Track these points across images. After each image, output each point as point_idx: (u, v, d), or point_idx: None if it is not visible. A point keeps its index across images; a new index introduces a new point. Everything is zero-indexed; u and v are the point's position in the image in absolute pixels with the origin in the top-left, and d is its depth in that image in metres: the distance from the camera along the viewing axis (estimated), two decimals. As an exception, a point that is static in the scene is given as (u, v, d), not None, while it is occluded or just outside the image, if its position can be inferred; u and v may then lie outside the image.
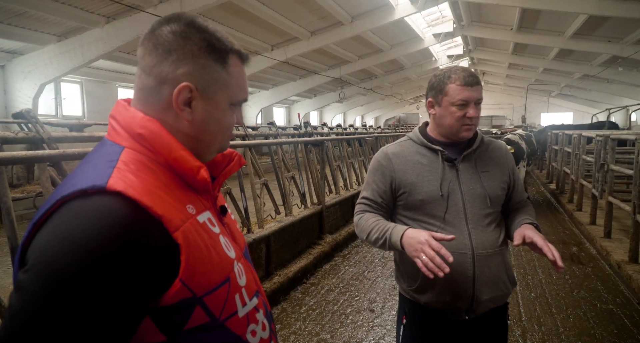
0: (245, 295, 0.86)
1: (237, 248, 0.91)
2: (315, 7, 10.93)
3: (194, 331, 0.75)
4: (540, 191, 10.19)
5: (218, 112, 0.83)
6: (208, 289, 0.75)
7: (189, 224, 0.74)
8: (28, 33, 9.16)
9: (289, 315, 3.66)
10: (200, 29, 0.80)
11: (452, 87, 1.49)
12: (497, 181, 1.57)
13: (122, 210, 0.66)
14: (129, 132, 0.78)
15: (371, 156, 4.84)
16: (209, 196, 0.88)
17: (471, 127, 1.52)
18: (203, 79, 0.80)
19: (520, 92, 29.51)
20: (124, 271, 0.64)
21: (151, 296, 0.69)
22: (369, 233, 1.53)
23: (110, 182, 0.68)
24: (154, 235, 0.68)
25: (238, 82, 0.85)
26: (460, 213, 1.50)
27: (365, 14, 12.35)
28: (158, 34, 0.79)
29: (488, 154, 1.61)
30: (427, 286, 1.52)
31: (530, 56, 18.63)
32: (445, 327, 1.56)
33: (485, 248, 1.48)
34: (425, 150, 1.58)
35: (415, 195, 1.52)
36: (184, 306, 0.72)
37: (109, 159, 0.73)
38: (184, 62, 0.78)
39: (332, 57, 16.07)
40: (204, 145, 0.85)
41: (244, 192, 4.22)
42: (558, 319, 3.48)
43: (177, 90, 0.77)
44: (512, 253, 5.24)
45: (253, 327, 0.87)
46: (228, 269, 0.81)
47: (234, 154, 0.96)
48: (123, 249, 0.64)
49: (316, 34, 13.04)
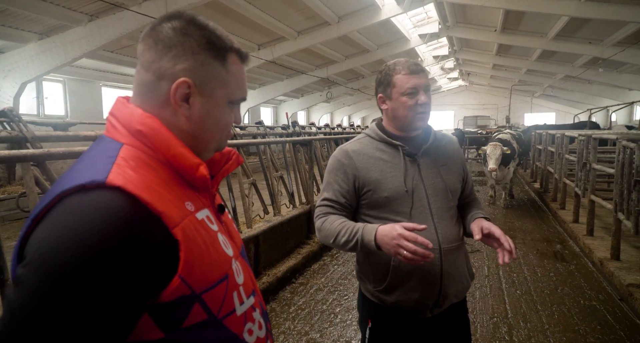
0: (243, 294, 0.86)
1: (235, 246, 0.91)
2: (302, 6, 10.92)
3: (193, 328, 0.75)
4: (524, 190, 10.36)
5: (216, 109, 0.83)
6: (207, 286, 0.75)
7: (188, 221, 0.74)
8: (8, 31, 8.96)
9: (278, 315, 3.65)
10: (200, 26, 0.81)
11: (398, 77, 1.49)
12: (454, 174, 1.60)
13: (122, 205, 0.66)
14: (128, 129, 0.78)
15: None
16: (208, 194, 0.88)
17: (424, 116, 1.52)
18: (202, 75, 0.80)
19: (504, 92, 29.98)
20: (123, 267, 0.64)
21: (150, 293, 0.68)
22: (336, 236, 1.46)
23: (110, 177, 0.68)
24: (154, 231, 0.68)
25: (237, 80, 0.85)
26: (425, 208, 1.50)
27: (352, 14, 12.40)
28: (158, 31, 0.80)
29: (443, 149, 1.62)
30: (396, 285, 1.50)
31: (514, 57, 18.95)
32: (411, 327, 1.55)
33: (450, 242, 1.50)
34: (385, 146, 1.56)
35: (380, 192, 1.49)
36: (183, 303, 0.72)
37: (108, 155, 0.73)
38: (183, 58, 0.79)
39: (319, 57, 16.09)
40: (202, 143, 0.85)
41: (232, 192, 4.20)
42: (543, 316, 3.54)
43: (175, 85, 0.78)
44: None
45: (250, 325, 0.87)
46: (226, 266, 0.82)
47: (232, 153, 0.97)
48: (123, 245, 0.63)
49: (303, 34, 13.04)
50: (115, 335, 0.64)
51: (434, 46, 20.24)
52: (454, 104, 35.00)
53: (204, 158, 0.88)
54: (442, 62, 23.05)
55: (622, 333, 3.23)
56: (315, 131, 9.67)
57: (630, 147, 3.90)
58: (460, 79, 30.73)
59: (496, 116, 32.99)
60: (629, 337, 3.18)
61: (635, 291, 3.64)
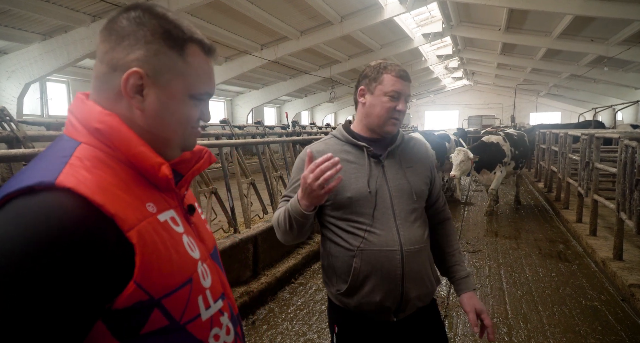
0: (210, 297, 0.83)
1: (204, 248, 0.88)
2: (305, 6, 10.90)
3: (152, 335, 0.71)
4: (528, 189, 10.29)
5: (173, 102, 0.79)
6: (167, 291, 0.72)
7: (147, 223, 0.71)
8: (11, 32, 9.02)
9: (276, 315, 3.64)
10: (157, 15, 0.78)
11: (387, 77, 1.49)
12: (420, 176, 1.59)
13: (70, 208, 0.63)
14: (87, 127, 0.75)
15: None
16: (174, 194, 0.85)
17: (397, 123, 1.52)
18: (155, 65, 0.76)
19: (509, 92, 29.79)
20: (67, 273, 0.60)
21: (101, 299, 0.65)
22: (279, 223, 1.48)
23: (59, 178, 0.64)
24: (105, 235, 0.65)
25: (198, 73, 0.81)
26: (388, 209, 1.49)
27: (355, 13, 12.37)
28: (114, 22, 0.77)
29: (410, 151, 1.62)
30: (357, 287, 1.49)
31: (519, 56, 18.82)
32: (377, 332, 1.54)
33: (413, 244, 1.49)
34: (351, 147, 1.56)
35: (344, 193, 1.48)
36: (140, 309, 0.68)
37: (62, 155, 0.70)
38: (136, 47, 0.75)
39: (323, 57, 16.07)
40: (162, 140, 0.81)
41: (230, 192, 4.19)
42: (544, 316, 3.50)
43: (125, 75, 0.74)
44: (499, 251, 5.27)
45: (216, 330, 0.84)
46: (190, 270, 0.78)
47: (204, 152, 0.93)
48: (67, 249, 0.60)
49: (306, 34, 13.02)
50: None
51: (438, 45, 20.17)
52: (458, 103, 34.83)
53: (169, 156, 0.84)
54: (446, 61, 22.95)
55: (623, 334, 3.18)
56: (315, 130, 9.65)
57: (632, 146, 3.85)
58: (465, 79, 30.58)
59: (501, 116, 32.80)
60: (631, 337, 3.14)
61: (637, 292, 3.59)
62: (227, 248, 3.64)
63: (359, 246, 1.46)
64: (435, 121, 34.40)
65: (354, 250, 1.47)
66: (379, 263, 1.45)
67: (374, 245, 1.45)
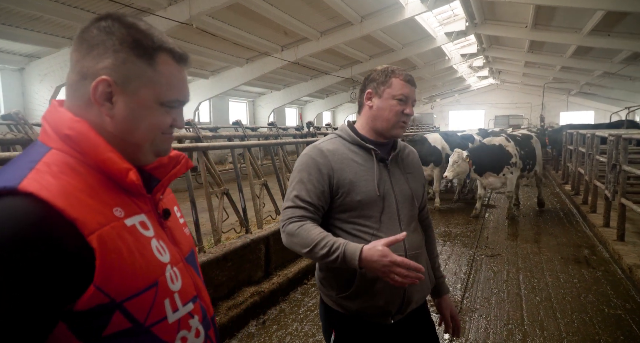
0: (178, 301, 0.83)
1: (177, 252, 0.89)
2: (324, 7, 10.89)
3: (115, 337, 0.72)
4: (555, 192, 9.95)
5: (142, 110, 0.81)
6: (129, 294, 0.73)
7: (110, 228, 0.72)
8: (43, 37, 9.39)
9: (287, 315, 3.64)
10: (126, 25, 0.79)
11: (396, 81, 1.49)
12: (419, 183, 1.64)
13: (30, 212, 0.64)
14: (58, 133, 0.77)
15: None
16: (146, 198, 0.86)
17: (404, 126, 1.53)
18: (123, 73, 0.78)
19: (538, 90, 28.88)
20: (24, 274, 0.62)
21: (60, 301, 0.66)
22: (313, 247, 1.36)
23: (23, 183, 0.66)
24: (64, 238, 0.66)
25: (169, 81, 0.82)
26: (394, 214, 1.50)
27: (375, 13, 12.26)
28: (86, 31, 0.79)
29: (407, 157, 1.65)
30: (362, 291, 1.48)
31: (547, 54, 18.21)
32: (375, 334, 1.54)
33: (415, 249, 1.53)
34: (358, 148, 1.54)
35: (354, 195, 1.46)
36: (102, 311, 0.70)
37: (30, 160, 0.73)
38: (104, 56, 0.77)
39: (343, 57, 16.02)
40: (132, 146, 0.82)
41: (242, 193, 4.22)
42: (562, 324, 3.37)
43: (94, 83, 0.76)
44: (519, 255, 5.12)
45: (184, 333, 0.84)
46: (157, 273, 0.79)
47: (181, 157, 0.95)
48: (24, 251, 0.62)
49: (326, 35, 13.01)
50: None
51: (462, 44, 19.77)
52: (484, 103, 34.06)
53: (142, 161, 0.86)
54: (471, 60, 22.49)
55: (647, 345, 3.03)
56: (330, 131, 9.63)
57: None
58: (491, 78, 29.86)
59: (529, 115, 31.88)
60: (655, 349, 2.98)
61: (664, 301, 3.41)
62: (238, 248, 3.67)
63: None
64: (460, 121, 33.75)
65: None
66: None
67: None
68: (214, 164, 3.83)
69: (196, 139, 3.89)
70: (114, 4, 8.45)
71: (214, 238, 3.84)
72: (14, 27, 8.71)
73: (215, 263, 3.41)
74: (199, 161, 3.63)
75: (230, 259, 3.57)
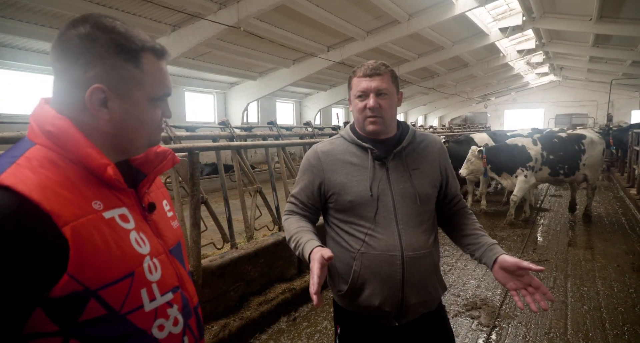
0: (156, 290, 0.86)
1: (160, 244, 0.92)
2: (370, 6, 10.81)
3: (90, 323, 0.76)
4: (618, 196, 9.21)
5: (136, 109, 0.84)
6: (103, 283, 0.76)
7: (86, 220, 0.76)
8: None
9: (317, 313, 3.66)
10: (107, 30, 0.81)
11: (354, 80, 1.49)
12: (427, 179, 1.51)
13: (5, 204, 0.68)
14: (42, 129, 0.81)
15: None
16: (129, 193, 0.89)
17: (375, 120, 1.46)
18: (114, 79, 0.81)
19: (605, 87, 26.76)
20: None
21: (36, 289, 0.70)
22: (289, 240, 1.49)
23: (1, 177, 0.71)
24: (39, 229, 0.70)
25: (154, 78, 0.86)
26: (390, 214, 1.44)
27: (423, 10, 11.98)
28: (65, 39, 0.80)
29: (419, 151, 1.55)
30: (357, 290, 1.46)
31: (615, 48, 16.84)
32: (379, 336, 1.50)
33: (415, 250, 1.44)
34: (356, 148, 1.52)
35: (345, 196, 1.46)
36: (76, 298, 0.74)
37: (12, 155, 0.77)
38: (92, 65, 0.79)
39: (390, 56, 15.79)
40: (127, 141, 0.87)
41: (275, 191, 4.26)
42: (610, 335, 3.11)
43: (88, 92, 0.79)
44: (569, 262, 4.79)
45: (161, 321, 0.87)
46: (133, 264, 0.82)
47: (168, 153, 0.98)
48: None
49: (372, 34, 12.90)
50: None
51: (518, 39, 18.81)
52: (544, 101, 32.15)
53: (134, 153, 0.90)
54: (528, 56, 21.33)
55: None
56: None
57: None
58: (552, 74, 28.11)
59: (595, 114, 29.69)
60: None
61: None
62: (270, 246, 3.74)
63: (359, 249, 1.45)
64: (517, 120, 32.09)
65: (355, 252, 1.46)
66: (379, 268, 1.43)
67: (374, 249, 1.44)
68: (247, 163, 3.93)
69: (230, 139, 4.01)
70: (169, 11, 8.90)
71: (246, 235, 3.93)
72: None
73: (247, 259, 3.49)
74: (233, 159, 3.74)
75: (262, 256, 3.65)
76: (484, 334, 3.21)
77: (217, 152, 3.68)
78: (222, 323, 3.06)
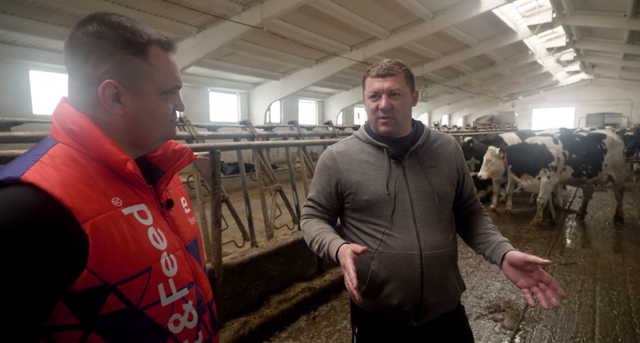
0: (172, 286, 0.88)
1: (177, 240, 0.93)
2: (394, 5, 10.71)
3: (110, 317, 0.78)
4: (652, 198, 8.83)
5: (149, 103, 0.86)
6: (122, 278, 0.78)
7: (106, 216, 0.78)
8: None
9: (337, 313, 3.66)
10: (113, 26, 0.82)
11: (367, 80, 1.48)
12: (444, 176, 1.50)
13: (30, 200, 0.71)
14: (63, 128, 0.83)
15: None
16: (148, 189, 0.90)
17: (387, 121, 1.45)
18: (124, 74, 0.82)
19: None
20: (23, 257, 0.68)
21: (58, 282, 0.73)
22: (311, 242, 1.47)
23: (25, 174, 0.73)
24: (61, 225, 0.72)
25: (163, 71, 0.86)
26: (407, 212, 1.43)
27: (448, 8, 11.77)
28: (75, 39, 0.82)
29: (435, 150, 1.53)
30: (375, 290, 1.45)
31: (651, 44, 16.15)
32: (397, 336, 1.48)
33: (434, 249, 1.42)
34: (371, 148, 1.51)
35: (361, 195, 1.45)
36: (96, 293, 0.76)
37: (36, 153, 0.80)
38: (102, 61, 0.81)
39: (414, 55, 15.62)
40: (142, 136, 0.88)
41: (295, 190, 4.28)
42: (640, 343, 3.00)
43: (100, 88, 0.81)
44: (598, 265, 4.62)
45: (177, 316, 0.88)
46: (151, 260, 0.84)
47: (185, 150, 1.00)
48: (21, 236, 0.68)
49: (395, 33, 12.77)
50: (20, 320, 0.70)
51: (548, 36, 18.26)
52: (574, 100, 31.11)
53: (150, 148, 0.92)
54: (558, 54, 20.67)
55: None
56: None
57: None
58: (583, 72, 27.17)
59: (630, 113, 28.55)
60: None
61: None
62: (290, 245, 3.75)
63: (377, 249, 1.44)
64: (546, 120, 31.18)
65: (372, 252, 1.45)
66: (397, 267, 1.42)
67: (392, 248, 1.43)
68: (268, 162, 3.95)
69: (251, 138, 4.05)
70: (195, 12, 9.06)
71: (266, 233, 3.96)
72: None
73: (267, 257, 3.52)
74: (253, 158, 3.77)
75: (282, 254, 3.67)
76: (507, 337, 3.14)
77: (239, 151, 3.72)
78: (243, 320, 3.10)
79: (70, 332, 0.76)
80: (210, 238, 3.07)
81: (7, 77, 9.91)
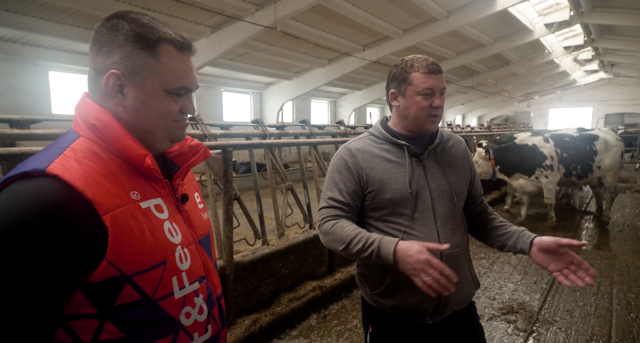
0: (185, 279, 0.89)
1: (191, 234, 0.95)
2: (408, 4, 10.66)
3: (125, 307, 0.81)
4: (673, 200, 8.60)
5: (150, 99, 0.86)
6: (138, 270, 0.80)
7: (125, 209, 0.80)
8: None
9: (347, 312, 3.66)
10: (130, 21, 0.85)
11: (416, 75, 1.41)
12: (460, 176, 1.51)
13: (54, 191, 0.74)
14: (85, 123, 0.86)
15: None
16: (164, 183, 0.93)
17: (436, 119, 1.44)
18: (129, 66, 0.84)
19: (661, 85, 25.12)
20: (47, 246, 0.71)
21: (76, 272, 0.75)
22: (348, 243, 1.36)
23: (50, 166, 0.76)
24: (83, 216, 0.75)
25: (172, 70, 0.87)
26: (428, 211, 1.42)
27: (463, 7, 11.65)
28: (97, 31, 0.87)
29: (450, 149, 1.53)
30: (394, 289, 1.44)
31: (673, 42, 15.77)
32: (412, 333, 1.48)
33: (453, 247, 1.42)
34: (390, 145, 1.49)
35: (384, 194, 1.42)
36: (113, 283, 0.78)
37: (60, 147, 0.82)
38: (112, 52, 0.84)
39: (427, 54, 15.09)
40: (146, 133, 0.89)
41: (307, 189, 4.29)
42: (659, 348, 2.93)
43: (105, 77, 0.84)
44: (616, 268, 4.53)
45: (188, 309, 0.90)
46: (166, 253, 0.86)
47: (200, 147, 1.01)
48: (45, 225, 0.71)
49: (409, 32, 12.70)
50: (40, 306, 0.72)
51: (565, 35, 17.94)
52: (593, 99, 30.48)
53: (158, 147, 0.92)
54: (576, 53, 20.29)
55: None
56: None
57: None
58: (602, 71, 26.62)
59: (651, 114, 27.83)
60: None
61: None
62: (301, 243, 3.77)
63: None
64: (562, 120, 30.63)
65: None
66: None
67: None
68: (279, 161, 3.97)
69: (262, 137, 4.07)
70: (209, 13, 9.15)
71: (277, 231, 3.98)
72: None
73: (278, 255, 3.54)
74: (265, 157, 3.79)
75: (293, 253, 3.68)
76: (520, 339, 3.09)
77: (250, 150, 3.75)
78: (253, 317, 3.12)
79: (87, 321, 0.79)
80: (222, 235, 3.09)
81: (27, 77, 10.14)
